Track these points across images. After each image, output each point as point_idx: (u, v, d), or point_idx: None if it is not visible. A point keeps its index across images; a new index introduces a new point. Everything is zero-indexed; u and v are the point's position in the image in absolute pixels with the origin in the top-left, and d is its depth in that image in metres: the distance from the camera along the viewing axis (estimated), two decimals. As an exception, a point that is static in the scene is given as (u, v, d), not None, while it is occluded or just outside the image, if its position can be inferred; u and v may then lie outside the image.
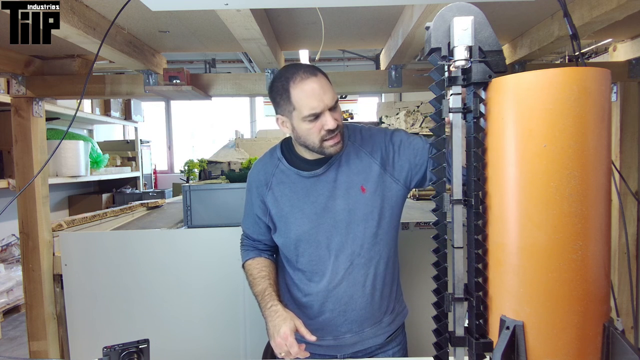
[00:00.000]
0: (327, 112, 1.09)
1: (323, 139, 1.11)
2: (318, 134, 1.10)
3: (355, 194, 1.17)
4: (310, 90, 1.07)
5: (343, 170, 1.19)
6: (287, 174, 1.22)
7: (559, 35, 1.52)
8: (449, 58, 0.70)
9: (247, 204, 1.32)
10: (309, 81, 1.08)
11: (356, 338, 1.22)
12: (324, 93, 1.08)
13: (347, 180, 1.18)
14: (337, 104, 1.12)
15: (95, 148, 4.42)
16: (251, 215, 1.30)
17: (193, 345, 1.87)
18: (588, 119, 0.60)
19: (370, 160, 1.20)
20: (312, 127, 1.10)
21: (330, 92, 1.10)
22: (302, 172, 1.20)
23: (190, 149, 7.43)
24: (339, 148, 1.14)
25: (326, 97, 1.08)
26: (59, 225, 2.01)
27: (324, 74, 1.13)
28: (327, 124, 1.08)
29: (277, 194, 1.22)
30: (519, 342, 0.63)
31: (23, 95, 1.90)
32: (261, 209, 1.26)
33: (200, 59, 5.90)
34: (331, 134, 1.10)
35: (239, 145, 3.10)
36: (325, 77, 1.12)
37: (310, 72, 1.09)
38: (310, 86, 1.07)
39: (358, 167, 1.19)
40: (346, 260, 1.18)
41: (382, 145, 1.21)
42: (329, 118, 1.08)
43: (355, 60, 6.04)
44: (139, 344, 0.96)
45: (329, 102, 1.08)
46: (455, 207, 0.71)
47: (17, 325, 3.38)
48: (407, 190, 1.23)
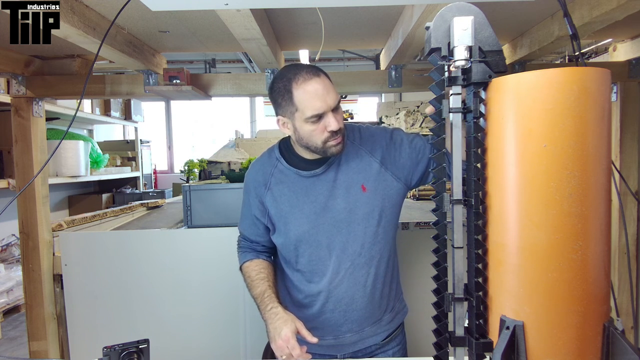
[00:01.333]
0: (330, 113, 1.08)
1: (326, 140, 1.10)
2: (321, 135, 1.10)
3: (356, 193, 1.17)
4: (314, 91, 1.06)
5: (343, 170, 1.19)
6: (286, 173, 1.21)
7: (559, 35, 1.52)
8: (449, 58, 0.70)
9: (245, 205, 1.31)
10: (312, 82, 1.07)
11: (356, 337, 1.22)
12: (327, 94, 1.07)
13: (347, 180, 1.18)
14: (339, 105, 1.12)
15: (95, 148, 4.42)
16: (249, 217, 1.29)
17: (193, 345, 1.87)
18: (588, 119, 0.60)
19: (370, 159, 1.19)
20: (315, 129, 1.09)
21: (333, 93, 1.09)
22: (302, 172, 1.19)
23: (190, 149, 7.43)
24: (341, 148, 1.14)
25: (329, 98, 1.07)
26: (59, 225, 2.01)
27: (326, 74, 1.12)
28: (330, 125, 1.08)
29: (276, 194, 1.21)
30: (519, 342, 0.63)
31: (23, 95, 1.90)
32: (260, 210, 1.25)
33: (200, 59, 5.91)
34: (334, 135, 1.10)
35: (239, 145, 3.10)
36: (327, 77, 1.11)
37: (313, 72, 1.08)
38: (313, 87, 1.06)
39: (358, 166, 1.19)
40: (347, 260, 1.18)
41: (382, 144, 1.21)
42: (332, 119, 1.07)
43: (355, 60, 6.04)
44: (139, 344, 0.95)
45: (332, 103, 1.08)
46: (455, 207, 0.71)
47: (17, 325, 3.38)
48: (407, 189, 1.23)
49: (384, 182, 1.18)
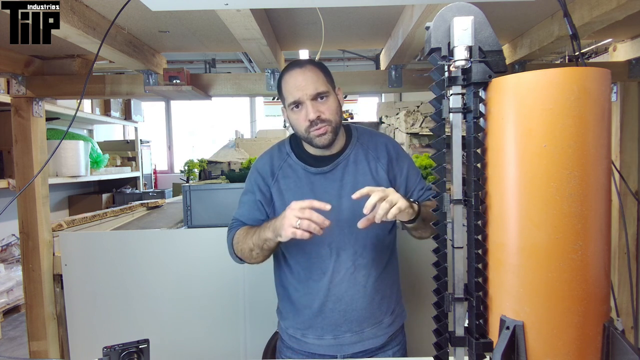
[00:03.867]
0: (308, 102, 1.12)
1: (307, 130, 1.15)
2: (303, 124, 1.15)
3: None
4: (293, 81, 1.14)
5: (350, 171, 1.21)
6: (294, 168, 1.23)
7: (559, 35, 1.52)
8: (449, 58, 0.70)
9: (247, 193, 1.28)
10: (293, 72, 1.15)
11: (356, 338, 1.22)
12: (305, 84, 1.12)
13: (354, 181, 1.19)
14: (325, 96, 1.15)
15: (95, 148, 4.42)
16: (250, 203, 1.26)
17: (193, 345, 1.87)
18: (588, 119, 0.60)
19: (378, 164, 1.23)
20: (297, 117, 1.16)
21: (315, 83, 1.12)
22: (309, 168, 1.22)
23: (190, 149, 7.43)
24: (326, 140, 1.15)
25: (307, 88, 1.12)
26: (59, 225, 2.01)
27: (320, 66, 1.17)
28: (307, 114, 1.13)
29: (282, 187, 1.23)
30: (519, 342, 0.63)
31: (23, 95, 1.90)
32: (264, 196, 1.24)
33: (200, 59, 5.91)
34: (314, 125, 1.13)
35: (239, 145, 3.10)
36: (316, 68, 1.15)
37: (297, 64, 1.15)
38: (293, 77, 1.14)
39: (365, 169, 1.21)
40: (348, 260, 1.19)
41: (392, 155, 1.25)
42: (309, 108, 1.12)
43: (355, 60, 6.04)
44: (139, 344, 0.95)
45: (310, 92, 1.12)
46: (455, 207, 0.71)
47: (17, 325, 3.38)
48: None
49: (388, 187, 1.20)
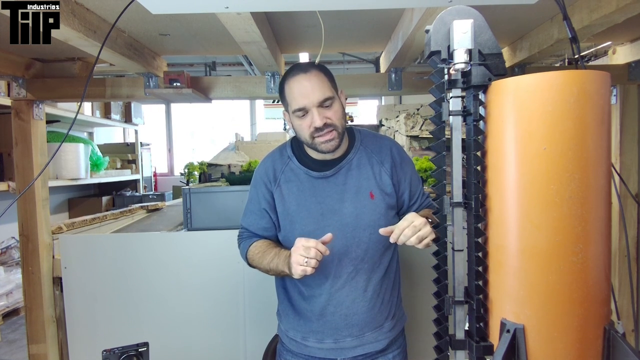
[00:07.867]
0: (314, 109, 1.11)
1: (312, 136, 1.13)
2: (307, 130, 1.13)
3: (364, 199, 1.18)
4: (297, 87, 1.12)
5: (353, 175, 1.20)
6: (296, 172, 1.23)
7: (558, 38, 1.53)
8: (448, 61, 0.70)
9: (252, 201, 1.29)
10: (297, 78, 1.12)
11: (357, 342, 1.22)
12: (311, 90, 1.10)
13: (357, 185, 1.19)
14: (331, 102, 1.13)
15: (96, 151, 4.42)
16: (256, 212, 1.27)
17: (193, 348, 1.86)
18: (588, 122, 0.60)
19: (381, 168, 1.22)
20: (302, 123, 1.14)
21: (321, 90, 1.11)
22: (312, 172, 1.21)
23: (190, 152, 7.43)
24: (332, 146, 1.14)
25: (314, 94, 1.10)
26: (59, 227, 2.01)
27: (324, 70, 1.15)
28: (313, 122, 1.11)
29: (284, 191, 1.22)
30: (520, 345, 0.63)
31: (23, 98, 1.90)
32: (269, 203, 1.24)
33: (201, 62, 5.91)
34: (319, 131, 1.12)
35: (239, 148, 3.10)
36: (321, 73, 1.13)
37: (302, 69, 1.13)
38: (298, 83, 1.12)
39: (368, 173, 1.20)
40: (349, 264, 1.18)
41: (397, 160, 1.24)
42: (315, 115, 1.11)
43: (355, 63, 6.04)
44: (139, 347, 0.95)
45: (317, 99, 1.10)
46: (455, 209, 0.71)
47: (17, 328, 3.37)
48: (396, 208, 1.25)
49: (390, 192, 1.20)
